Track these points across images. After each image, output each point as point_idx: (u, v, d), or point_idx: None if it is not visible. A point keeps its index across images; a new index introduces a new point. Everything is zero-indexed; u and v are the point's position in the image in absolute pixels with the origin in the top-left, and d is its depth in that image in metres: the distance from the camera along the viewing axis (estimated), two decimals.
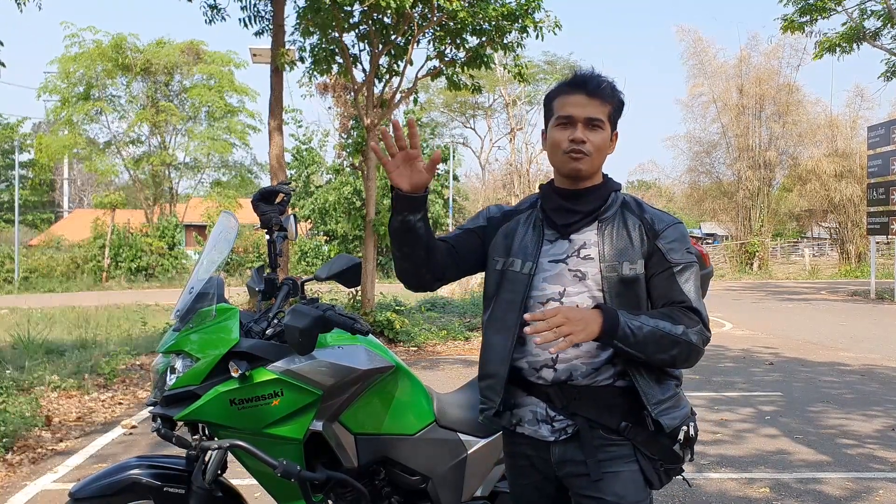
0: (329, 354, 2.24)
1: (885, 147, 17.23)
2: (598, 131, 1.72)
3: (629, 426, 1.69)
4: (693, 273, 1.72)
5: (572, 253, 1.74)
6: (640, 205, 1.79)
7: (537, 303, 1.73)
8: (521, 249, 1.78)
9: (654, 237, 1.72)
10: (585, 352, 1.69)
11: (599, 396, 1.70)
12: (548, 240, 1.78)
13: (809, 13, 16.32)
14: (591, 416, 1.69)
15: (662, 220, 1.75)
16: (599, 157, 1.74)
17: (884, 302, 16.37)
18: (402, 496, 2.40)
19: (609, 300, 1.68)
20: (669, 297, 1.69)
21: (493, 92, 35.43)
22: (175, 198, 28.77)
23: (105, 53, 25.01)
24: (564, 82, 1.78)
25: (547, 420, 1.74)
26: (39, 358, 7.47)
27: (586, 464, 1.68)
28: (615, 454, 1.68)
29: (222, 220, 2.59)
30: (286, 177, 11.86)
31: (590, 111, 1.71)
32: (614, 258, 1.70)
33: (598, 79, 1.74)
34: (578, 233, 1.75)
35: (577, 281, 1.71)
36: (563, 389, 1.71)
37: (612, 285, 1.69)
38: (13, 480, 4.30)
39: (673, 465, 1.74)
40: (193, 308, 2.29)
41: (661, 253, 1.71)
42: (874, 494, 3.93)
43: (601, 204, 1.76)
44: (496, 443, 2.45)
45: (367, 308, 10.12)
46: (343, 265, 2.40)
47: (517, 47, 10.11)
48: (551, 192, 1.82)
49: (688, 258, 1.73)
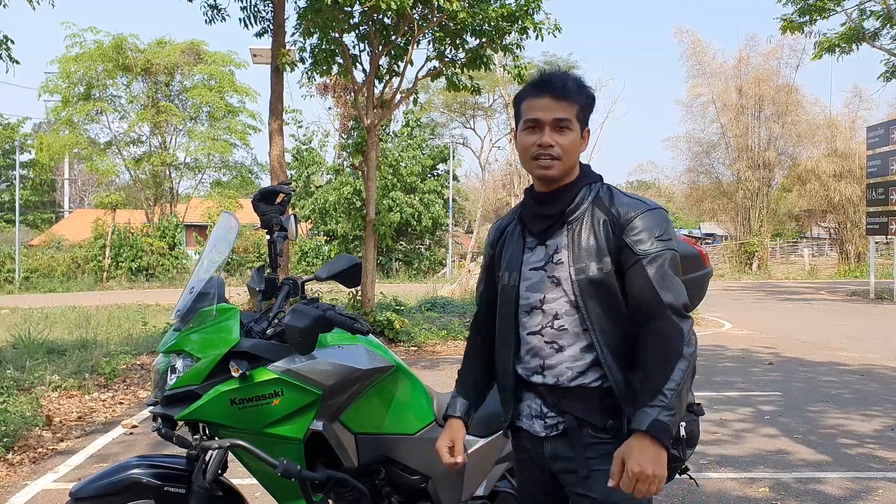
0: (329, 354, 2.25)
1: (884, 147, 17.23)
2: (567, 133, 1.70)
3: (615, 424, 1.68)
4: (665, 260, 1.64)
5: (548, 259, 1.74)
6: (612, 196, 1.73)
7: (523, 311, 1.76)
8: (509, 262, 1.81)
9: (620, 231, 1.68)
10: (570, 356, 1.70)
11: (587, 396, 1.70)
12: (528, 248, 1.79)
13: (809, 13, 16.31)
14: (579, 415, 1.70)
15: (631, 210, 1.69)
16: (570, 158, 1.72)
17: (883, 302, 16.37)
18: (403, 496, 2.41)
19: (582, 303, 1.67)
20: (640, 296, 1.64)
21: (492, 92, 35.43)
22: (175, 198, 28.76)
23: (106, 54, 25.01)
24: (530, 83, 1.75)
25: (540, 416, 1.77)
26: (40, 358, 7.48)
27: (575, 460, 1.70)
28: (603, 451, 1.67)
29: (223, 221, 2.60)
30: (286, 177, 11.86)
31: (556, 112, 1.69)
32: (581, 259, 1.69)
33: (564, 77, 1.72)
34: (552, 237, 1.75)
35: (554, 287, 1.72)
36: (552, 390, 1.74)
37: (583, 288, 1.68)
38: (14, 480, 4.30)
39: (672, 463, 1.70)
40: (194, 308, 2.29)
41: (628, 247, 1.66)
42: (874, 494, 3.93)
43: (568, 206, 1.74)
44: (496, 443, 2.46)
45: (368, 308, 10.12)
46: (343, 265, 2.41)
47: (517, 48, 10.12)
48: (528, 198, 1.82)
49: (658, 246, 1.65)
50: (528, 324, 1.76)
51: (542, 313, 1.73)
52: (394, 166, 25.07)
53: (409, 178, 26.10)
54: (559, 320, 1.71)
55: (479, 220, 38.40)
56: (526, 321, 1.76)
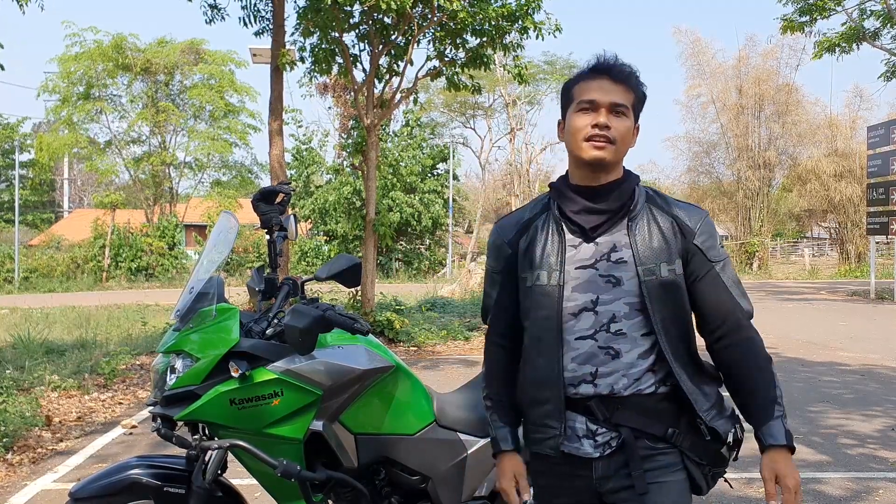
0: (329, 354, 2.24)
1: (884, 147, 17.22)
2: (623, 119, 1.60)
3: (676, 432, 1.59)
4: (730, 266, 1.65)
5: (601, 257, 1.61)
6: (664, 198, 1.68)
7: (569, 314, 1.61)
8: (545, 260, 1.65)
9: (689, 235, 1.61)
10: (626, 363, 1.59)
11: (643, 404, 1.59)
12: (571, 245, 1.64)
13: (809, 13, 16.31)
14: (637, 426, 1.59)
15: (693, 215, 1.64)
16: (623, 146, 1.61)
17: (883, 302, 16.36)
18: (402, 496, 2.40)
19: (650, 306, 1.57)
20: (721, 307, 1.62)
21: (492, 92, 35.44)
22: (175, 198, 28.76)
23: (105, 53, 25.01)
24: (586, 68, 1.65)
25: (588, 435, 1.62)
26: (39, 358, 7.47)
27: (632, 476, 1.58)
28: (662, 463, 1.59)
29: (222, 220, 2.60)
30: (286, 177, 11.86)
31: (615, 96, 1.59)
32: (651, 260, 1.58)
33: (623, 65, 1.63)
34: (606, 234, 1.62)
35: (611, 287, 1.59)
36: (604, 401, 1.60)
37: (652, 290, 1.57)
38: (13, 480, 4.30)
39: (719, 468, 1.67)
40: (193, 308, 2.29)
41: (700, 252, 1.61)
42: (874, 494, 3.93)
43: (628, 201, 1.63)
44: None
45: (367, 308, 10.12)
46: (343, 265, 2.40)
47: (517, 48, 10.11)
48: (568, 192, 1.67)
49: (722, 253, 1.64)
50: (577, 327, 1.61)
51: (595, 315, 1.59)
52: (394, 166, 25.08)
53: (408, 177, 26.10)
54: (616, 323, 1.59)
55: (479, 220, 38.40)
56: (573, 325, 1.61)
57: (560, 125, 1.69)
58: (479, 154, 41.03)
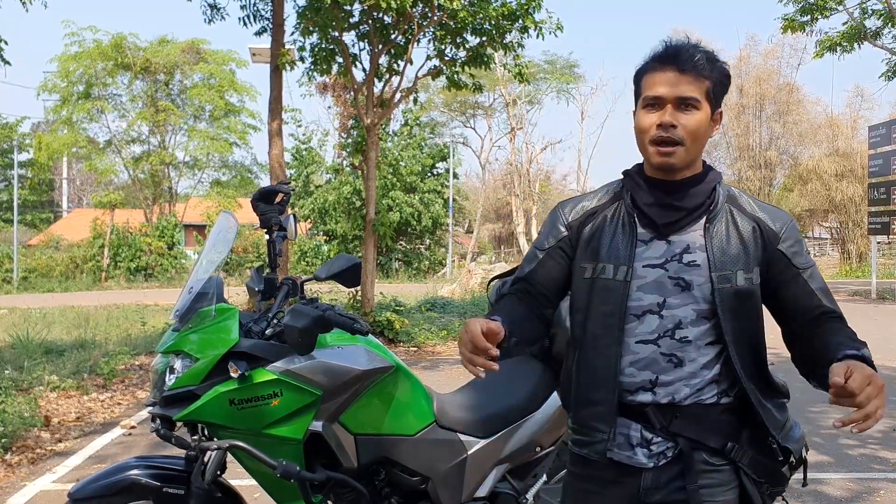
0: (329, 354, 2.24)
1: (885, 147, 17.21)
2: (693, 112, 1.47)
3: (735, 447, 1.50)
4: (819, 273, 1.54)
5: (672, 257, 1.50)
6: (749, 199, 1.56)
7: (632, 314, 1.51)
8: (612, 253, 1.53)
9: (774, 240, 1.50)
10: (689, 372, 1.49)
11: (704, 415, 1.49)
12: (641, 240, 1.53)
13: (810, 13, 16.30)
14: (695, 436, 1.49)
15: (778, 219, 1.53)
16: (696, 144, 1.49)
17: (885, 302, 16.36)
18: (402, 496, 2.40)
19: (722, 315, 1.46)
20: (811, 308, 1.51)
21: (493, 91, 35.43)
22: (174, 197, 28.76)
23: (105, 52, 25.00)
24: (655, 55, 1.52)
25: (643, 444, 1.52)
26: (38, 358, 7.46)
27: (685, 489, 1.48)
28: (716, 481, 1.49)
29: (221, 220, 2.59)
30: (286, 177, 11.85)
31: (682, 89, 1.46)
32: (727, 266, 1.47)
33: (692, 50, 1.49)
34: (680, 233, 1.51)
35: (680, 291, 1.48)
36: (661, 409, 1.50)
37: (726, 298, 1.46)
38: (12, 481, 4.29)
39: (778, 487, 1.57)
40: (193, 308, 2.28)
41: (786, 258, 1.50)
42: (875, 495, 3.92)
43: (706, 199, 1.51)
44: (496, 443, 2.45)
45: (367, 308, 10.11)
46: (343, 265, 2.40)
47: (517, 47, 10.11)
48: (643, 183, 1.55)
49: (810, 260, 1.54)
50: (639, 330, 1.50)
51: (660, 319, 1.49)
52: (393, 166, 25.09)
53: (408, 177, 26.10)
54: (682, 330, 1.48)
55: (479, 220, 38.41)
56: (635, 326, 1.51)
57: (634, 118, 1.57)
58: (479, 154, 41.04)
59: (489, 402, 2.51)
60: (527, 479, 2.54)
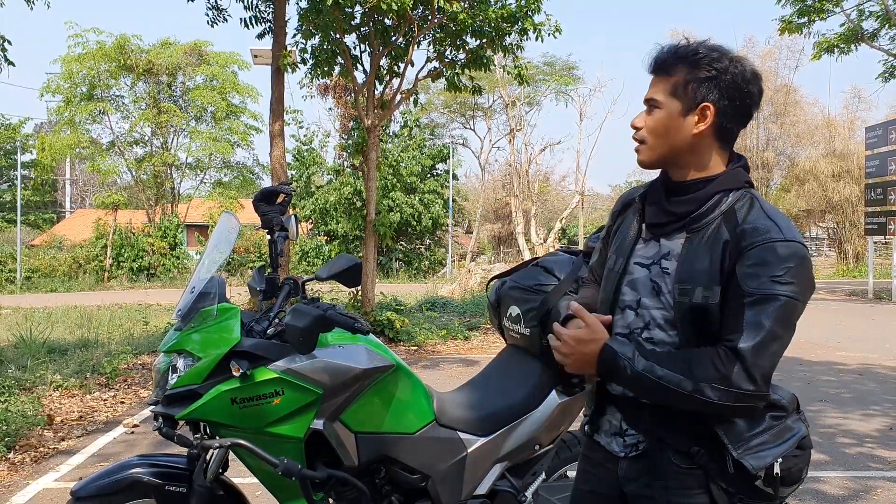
0: (330, 354, 2.26)
1: (882, 147, 17.22)
2: (654, 112, 1.49)
3: (700, 451, 1.45)
4: (772, 308, 1.36)
5: (657, 260, 1.52)
6: (747, 212, 1.45)
7: (618, 307, 1.56)
8: (620, 245, 1.60)
9: (736, 257, 1.41)
10: None
11: (670, 416, 1.48)
12: (643, 238, 1.56)
13: (807, 14, 16.32)
14: (660, 435, 1.49)
15: (754, 235, 1.40)
16: (659, 141, 1.49)
17: (881, 302, 16.37)
18: (403, 494, 2.42)
19: (681, 326, 1.46)
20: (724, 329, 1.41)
21: (492, 93, 35.41)
22: (177, 198, 28.77)
23: (108, 54, 25.01)
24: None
25: (619, 433, 1.57)
26: (41, 357, 7.49)
27: (652, 487, 1.50)
28: (683, 483, 1.47)
29: (224, 221, 2.61)
30: (287, 178, 11.87)
31: (649, 92, 1.51)
32: (688, 280, 1.44)
33: (661, 52, 1.51)
34: (668, 238, 1.51)
35: (654, 294, 1.50)
36: (633, 403, 1.53)
37: (683, 311, 1.45)
38: (15, 479, 4.32)
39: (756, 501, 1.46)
40: (195, 307, 2.30)
41: (736, 278, 1.40)
42: (873, 493, 3.95)
43: (696, 208, 1.48)
44: (496, 441, 2.47)
45: (368, 308, 10.13)
46: (343, 265, 2.41)
47: (517, 49, 10.13)
48: (658, 183, 1.58)
49: (768, 288, 1.36)
50: (619, 323, 1.55)
51: (635, 316, 1.52)
52: (394, 166, 25.10)
53: (408, 178, 26.11)
54: (650, 331, 1.50)
55: (479, 221, 38.40)
56: (618, 319, 1.55)
57: None
58: (478, 155, 41.01)
59: (489, 400, 2.53)
60: (526, 477, 2.56)
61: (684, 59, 1.47)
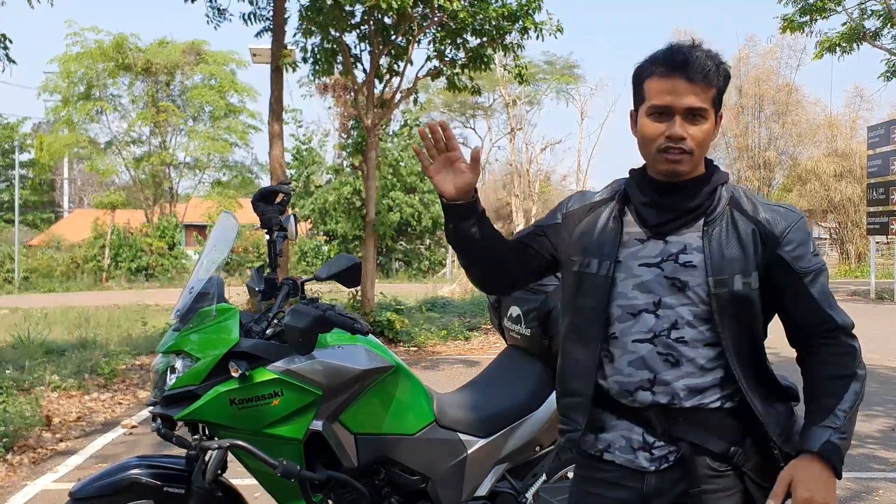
0: (329, 354, 2.25)
1: (884, 147, 17.21)
2: (701, 123, 1.46)
3: (739, 452, 1.48)
4: (823, 277, 1.50)
5: (668, 257, 1.49)
6: (753, 201, 1.53)
7: (627, 313, 1.50)
8: (598, 247, 1.54)
9: (774, 244, 1.47)
10: (687, 372, 1.48)
11: (706, 420, 1.48)
12: (637, 239, 1.53)
13: (809, 13, 16.31)
14: (697, 441, 1.47)
15: (782, 220, 1.48)
16: (702, 151, 1.49)
17: (883, 302, 16.36)
18: (402, 496, 2.41)
19: (719, 319, 1.45)
20: (808, 319, 1.50)
21: (492, 92, 35.43)
22: (175, 198, 28.77)
23: (106, 53, 25.01)
24: (661, 59, 1.48)
25: (645, 447, 1.51)
26: (39, 358, 7.47)
27: (688, 494, 1.48)
28: (719, 486, 1.48)
29: (222, 220, 2.60)
30: (286, 177, 11.86)
31: (691, 100, 1.44)
32: (724, 270, 1.45)
33: (702, 58, 1.45)
34: (677, 234, 1.50)
35: (676, 291, 1.47)
36: (664, 412, 1.49)
37: (723, 302, 1.44)
38: (13, 480, 4.30)
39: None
40: (193, 308, 2.29)
41: (785, 263, 1.47)
42: (874, 494, 3.94)
43: (706, 201, 1.50)
44: (496, 442, 2.46)
45: (367, 308, 10.12)
46: (343, 265, 2.40)
47: (517, 48, 10.11)
48: (643, 183, 1.55)
49: (815, 262, 1.49)
50: (635, 329, 1.50)
51: (656, 318, 1.48)
52: (393, 166, 25.09)
53: (408, 177, 26.10)
54: (678, 330, 1.47)
55: None
56: (631, 325, 1.50)
57: (632, 117, 1.55)
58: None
59: (489, 401, 2.52)
60: (526, 479, 2.55)
61: (720, 68, 1.48)
